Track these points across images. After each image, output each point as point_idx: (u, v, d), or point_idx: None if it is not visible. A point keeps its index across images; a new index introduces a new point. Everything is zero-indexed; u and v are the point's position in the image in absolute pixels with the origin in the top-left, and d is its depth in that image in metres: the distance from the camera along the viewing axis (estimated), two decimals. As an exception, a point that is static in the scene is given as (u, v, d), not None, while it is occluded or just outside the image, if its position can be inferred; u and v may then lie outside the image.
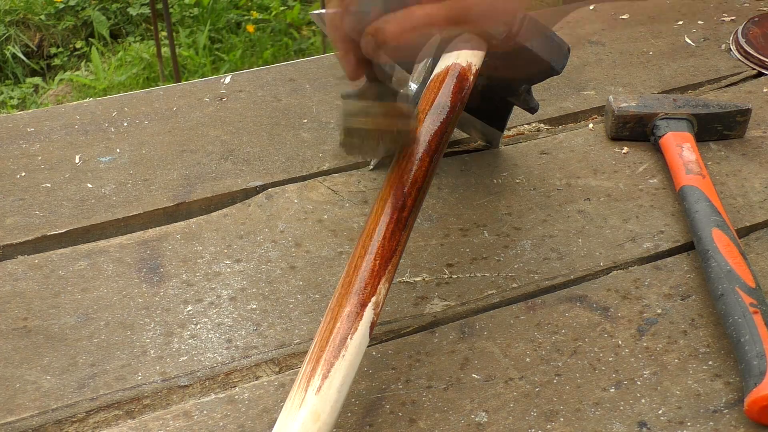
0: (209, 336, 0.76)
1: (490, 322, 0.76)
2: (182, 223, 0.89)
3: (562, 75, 1.13)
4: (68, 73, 2.90)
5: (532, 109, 0.92)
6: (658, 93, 1.09)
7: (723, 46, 1.19)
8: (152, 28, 2.76)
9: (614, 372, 0.71)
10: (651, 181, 0.94)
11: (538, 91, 1.10)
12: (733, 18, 1.26)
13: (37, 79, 2.89)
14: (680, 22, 1.24)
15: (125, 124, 1.03)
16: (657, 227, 0.87)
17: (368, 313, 0.63)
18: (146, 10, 3.09)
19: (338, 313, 0.63)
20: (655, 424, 0.67)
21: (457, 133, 1.02)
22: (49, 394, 0.70)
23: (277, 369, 0.73)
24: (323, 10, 0.74)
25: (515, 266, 0.82)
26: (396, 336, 0.76)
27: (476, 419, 0.68)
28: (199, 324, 0.77)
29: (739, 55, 1.16)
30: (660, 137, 0.96)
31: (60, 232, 0.87)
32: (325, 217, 0.89)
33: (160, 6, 2.64)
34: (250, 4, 3.17)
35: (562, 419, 0.67)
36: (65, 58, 3.00)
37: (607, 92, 1.09)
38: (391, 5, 0.60)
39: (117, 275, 0.82)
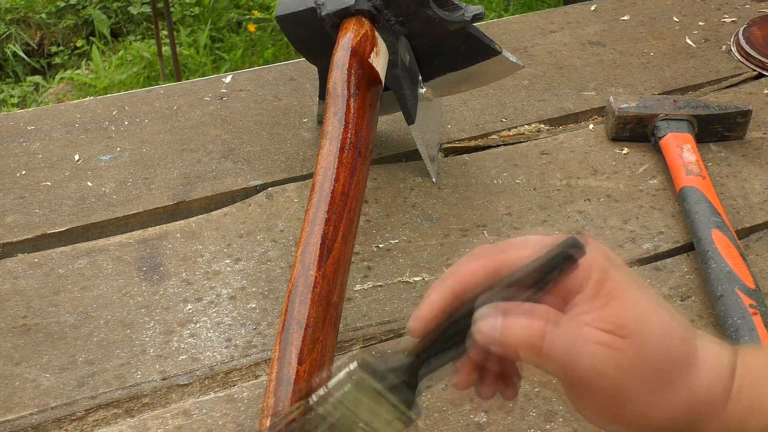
0: (209, 335, 0.76)
1: (489, 322, 0.76)
2: (182, 221, 0.89)
3: (562, 75, 1.13)
4: (69, 71, 2.90)
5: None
6: (659, 94, 1.09)
7: (724, 47, 1.19)
8: (153, 26, 2.76)
9: (613, 372, 0.71)
10: (651, 182, 0.94)
11: (539, 92, 1.10)
12: (733, 19, 1.26)
13: (37, 78, 2.89)
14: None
15: (126, 123, 1.03)
16: (657, 228, 0.87)
17: None
18: (147, 9, 3.09)
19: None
20: (654, 425, 0.67)
21: (457, 133, 1.02)
22: (48, 392, 0.70)
23: (276, 368, 0.73)
24: None
25: (515, 266, 0.82)
26: (395, 335, 0.76)
27: (475, 419, 0.68)
28: (199, 323, 0.77)
29: (739, 57, 1.16)
30: (660, 138, 0.96)
31: (60, 230, 0.87)
32: (325, 216, 0.89)
33: (161, 5, 2.65)
34: (251, 3, 3.17)
35: (561, 419, 0.67)
36: (66, 57, 3.00)
37: (608, 93, 1.09)
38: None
39: (117, 274, 0.82)
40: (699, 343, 0.51)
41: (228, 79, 1.12)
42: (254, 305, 0.79)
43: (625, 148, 0.99)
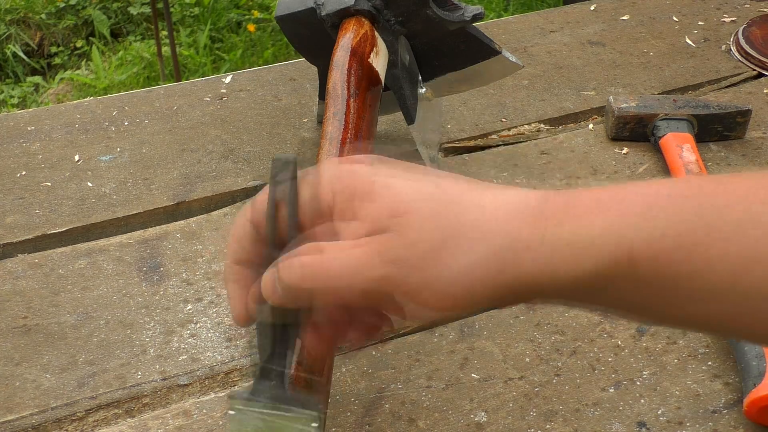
0: (209, 335, 0.76)
1: (489, 321, 0.76)
2: (182, 222, 0.89)
3: (562, 75, 1.13)
4: (69, 72, 2.90)
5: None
6: (659, 93, 1.09)
7: (723, 47, 1.19)
8: (153, 27, 2.76)
9: (614, 372, 0.71)
10: (651, 181, 0.94)
11: (538, 91, 1.10)
12: (733, 19, 1.26)
13: (37, 78, 2.89)
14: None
15: (125, 123, 1.03)
16: (657, 228, 0.87)
17: None
18: (147, 9, 3.09)
19: None
20: (654, 425, 0.67)
21: (457, 133, 1.02)
22: (48, 393, 0.70)
23: (276, 368, 0.73)
24: None
25: (515, 266, 0.82)
26: (395, 336, 0.76)
27: (475, 419, 0.68)
28: (199, 323, 0.77)
29: (739, 56, 1.16)
30: (660, 138, 0.96)
31: (60, 230, 0.87)
32: (325, 216, 0.89)
33: (160, 5, 2.65)
34: (250, 3, 3.17)
35: (561, 419, 0.68)
36: (66, 57, 3.00)
37: (608, 93, 1.09)
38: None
39: (117, 274, 0.82)
40: (489, 194, 0.47)
41: (228, 79, 1.12)
42: (254, 305, 0.79)
43: (625, 148, 0.99)
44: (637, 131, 0.99)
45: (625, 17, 1.27)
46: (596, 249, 0.44)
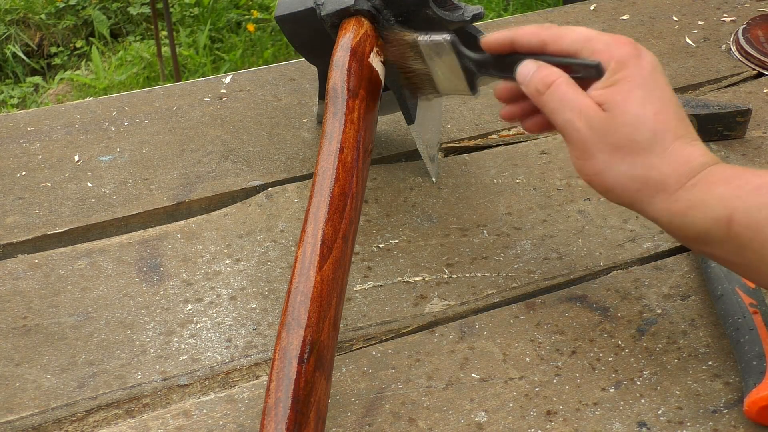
0: (209, 335, 0.76)
1: (489, 321, 0.76)
2: (182, 222, 0.89)
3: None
4: (68, 72, 2.90)
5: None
6: (659, 93, 1.09)
7: (723, 46, 1.19)
8: (153, 27, 2.76)
9: (614, 372, 0.71)
10: (651, 181, 0.94)
11: (538, 91, 1.10)
12: (733, 18, 1.26)
13: (37, 79, 2.90)
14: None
15: (125, 124, 1.03)
16: (657, 227, 0.87)
17: None
18: (146, 10, 3.09)
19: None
20: (655, 424, 0.67)
21: (457, 133, 1.02)
22: (48, 393, 0.70)
23: (276, 368, 0.73)
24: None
25: (515, 266, 0.83)
26: (396, 335, 0.76)
27: (476, 419, 0.68)
28: (199, 323, 0.77)
29: (739, 56, 1.16)
30: (660, 137, 0.96)
31: (60, 231, 0.87)
32: (325, 216, 0.89)
33: (160, 5, 2.65)
34: (250, 3, 3.17)
35: (561, 419, 0.68)
36: (65, 58, 3.00)
37: (608, 92, 1.09)
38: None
39: (117, 274, 0.82)
40: (678, 143, 0.62)
41: (228, 79, 1.12)
42: (254, 305, 0.79)
43: (625, 148, 0.99)
44: (637, 131, 0.99)
45: (625, 17, 1.27)
46: (705, 209, 0.59)
